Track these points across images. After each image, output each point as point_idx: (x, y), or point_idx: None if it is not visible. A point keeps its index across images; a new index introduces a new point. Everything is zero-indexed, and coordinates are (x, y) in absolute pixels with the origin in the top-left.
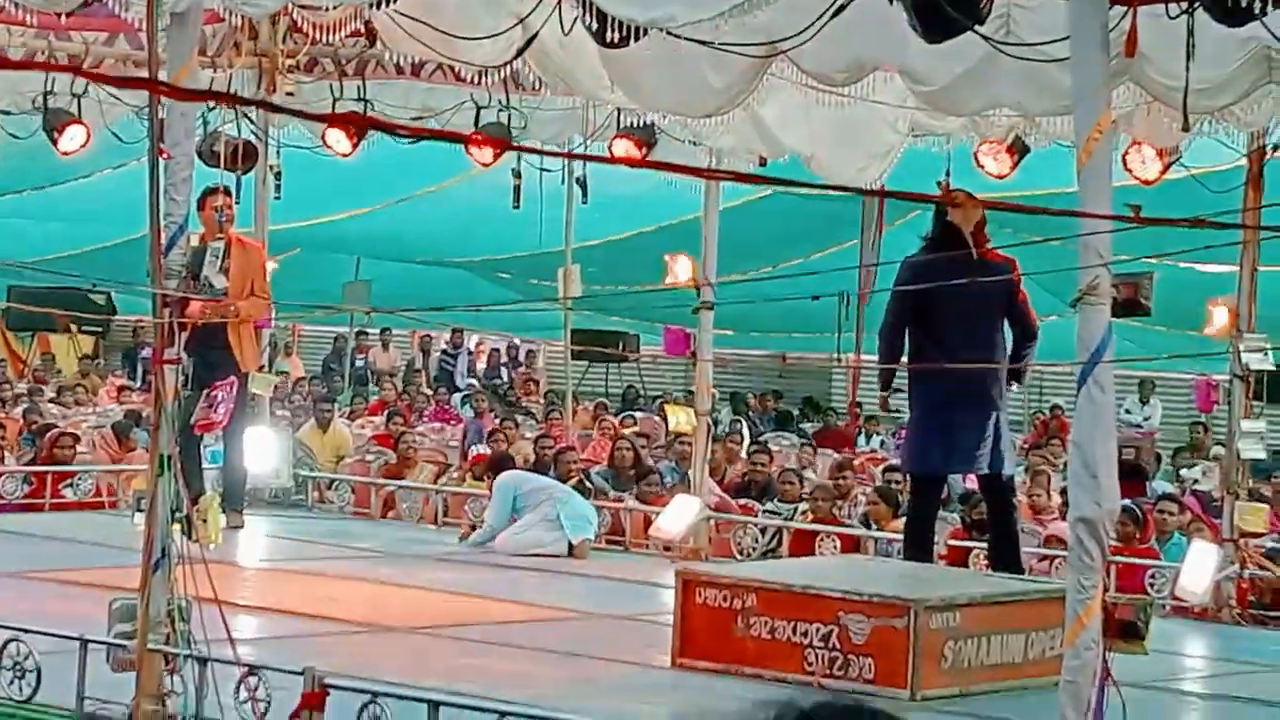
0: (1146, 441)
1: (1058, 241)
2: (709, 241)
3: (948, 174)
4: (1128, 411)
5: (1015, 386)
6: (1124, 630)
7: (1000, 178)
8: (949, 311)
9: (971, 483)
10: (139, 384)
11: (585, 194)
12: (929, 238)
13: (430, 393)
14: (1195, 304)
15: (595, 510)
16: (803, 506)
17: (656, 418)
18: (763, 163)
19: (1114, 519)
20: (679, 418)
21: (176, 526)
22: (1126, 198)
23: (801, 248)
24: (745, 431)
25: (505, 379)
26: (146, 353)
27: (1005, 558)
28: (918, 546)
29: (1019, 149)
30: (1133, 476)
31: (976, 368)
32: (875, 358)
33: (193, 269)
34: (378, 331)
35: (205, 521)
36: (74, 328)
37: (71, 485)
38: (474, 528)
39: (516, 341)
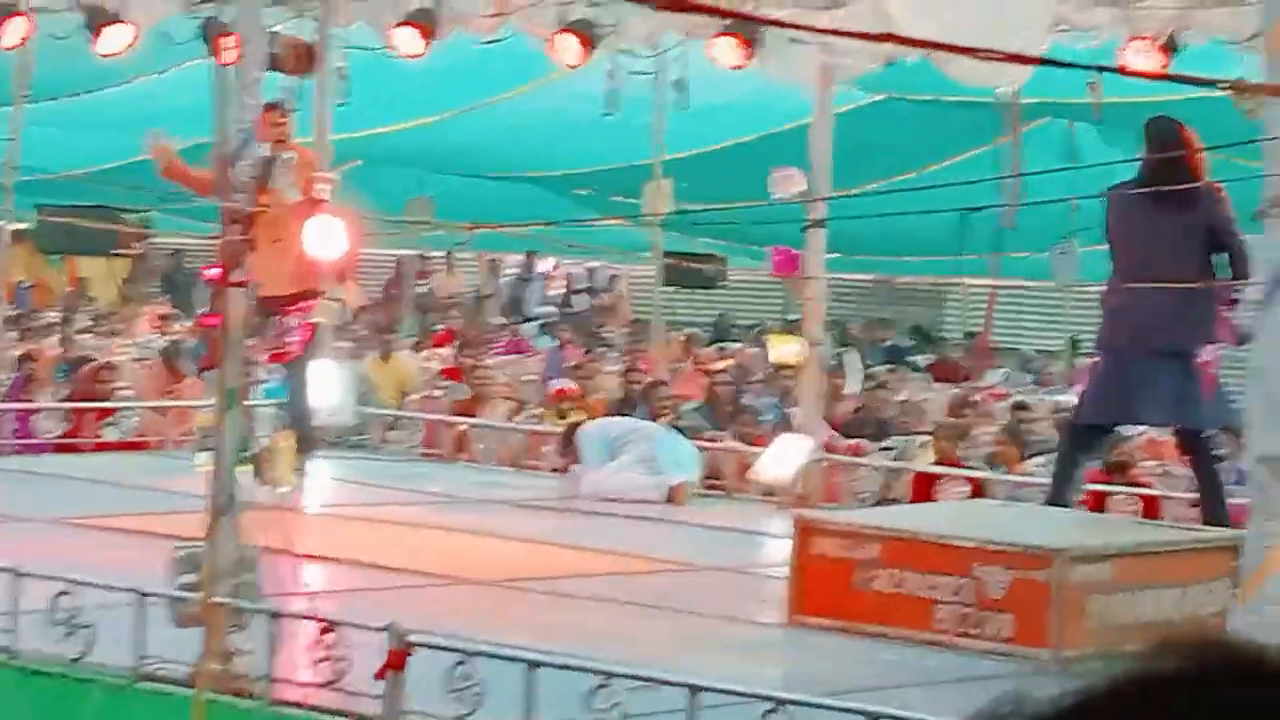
0: None
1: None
2: (819, 151)
3: (1100, 75)
4: None
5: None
6: None
7: (1150, 78)
8: (1152, 242)
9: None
10: (199, 310)
11: (686, 98)
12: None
13: (501, 322)
14: None
15: (696, 450)
16: (920, 440)
17: (752, 349)
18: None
19: None
20: (784, 349)
21: (245, 468)
22: None
23: (920, 159)
24: (856, 364)
25: (583, 306)
26: (214, 272)
27: (1208, 513)
28: (1058, 489)
29: (1171, 46)
30: None
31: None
32: (1007, 280)
33: (262, 180)
34: (442, 255)
35: (276, 463)
36: (122, 249)
37: (114, 423)
38: (565, 466)
39: (595, 266)
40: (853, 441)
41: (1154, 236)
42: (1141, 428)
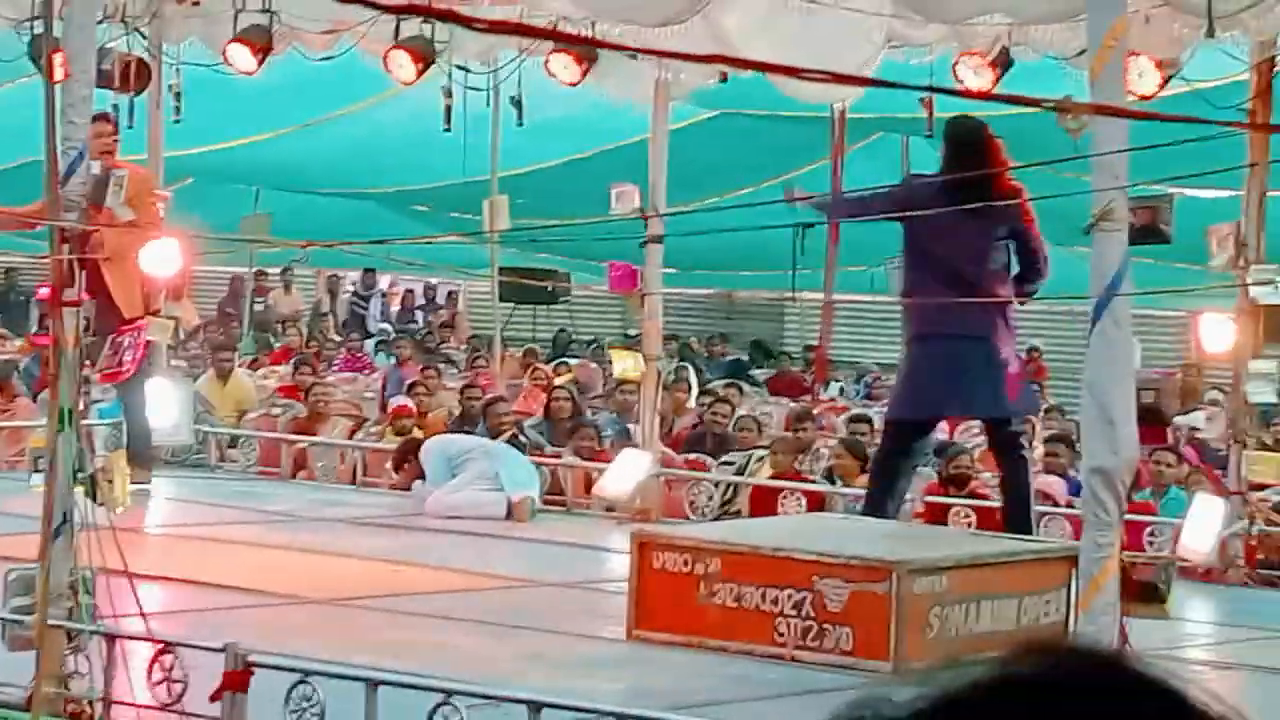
0: (1167, 382)
1: (1043, 167)
2: (656, 167)
3: (930, 90)
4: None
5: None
6: (1143, 592)
7: (977, 98)
8: (951, 240)
9: (944, 433)
10: (33, 329)
11: (520, 115)
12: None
13: (339, 339)
14: (1192, 233)
15: (536, 468)
16: (759, 454)
17: (593, 365)
18: (723, 79)
19: (1132, 469)
20: (625, 363)
21: (79, 489)
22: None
23: (756, 174)
24: (693, 379)
25: (422, 323)
26: (45, 292)
27: (1018, 517)
28: (876, 498)
29: (1003, 62)
30: (1152, 421)
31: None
32: (844, 296)
33: (94, 200)
34: (279, 271)
35: (111, 483)
36: None
37: None
38: (407, 482)
39: (434, 282)
40: (693, 456)
41: (954, 236)
42: (978, 440)
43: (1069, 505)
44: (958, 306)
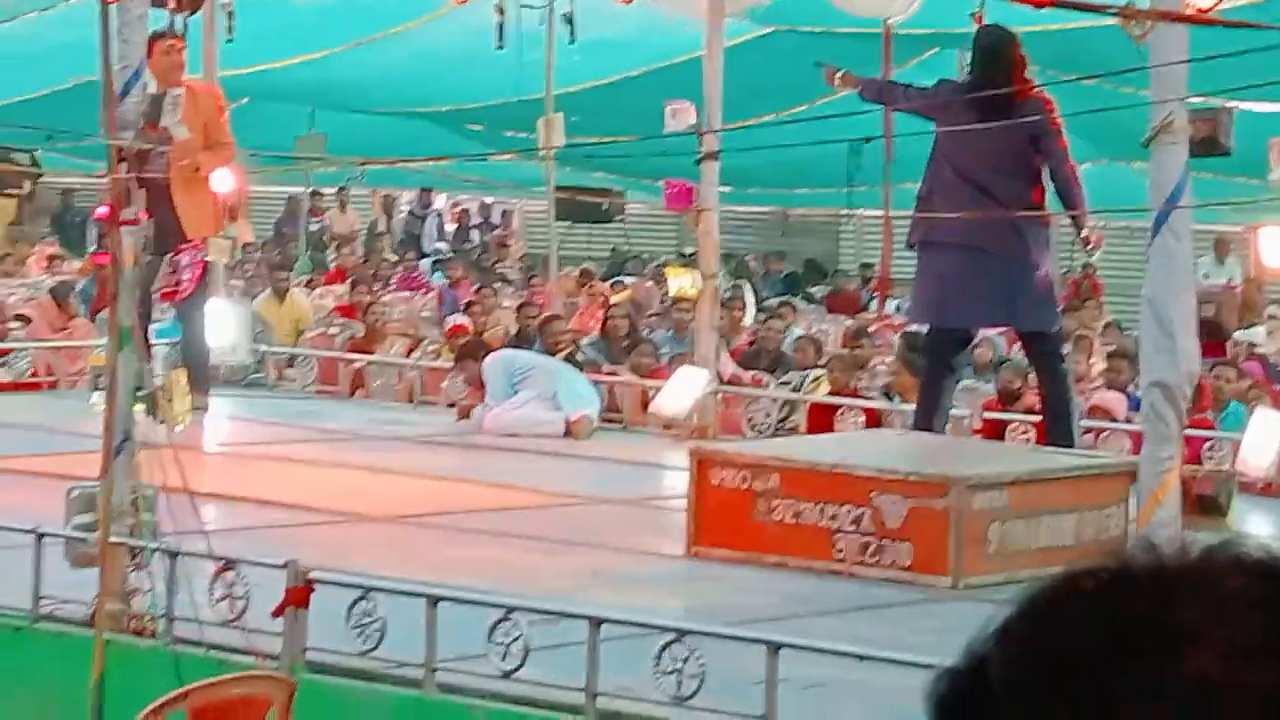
0: (1227, 296)
1: (1096, 80)
2: (712, 83)
3: (982, 3)
4: (1205, 276)
5: (1093, 251)
6: (1203, 505)
7: (1038, 5)
8: (974, 149)
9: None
10: (90, 250)
11: (573, 32)
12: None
13: (395, 258)
14: (1253, 146)
15: (596, 386)
16: (815, 374)
17: (649, 283)
18: None
19: (1193, 382)
20: (681, 281)
21: (139, 407)
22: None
23: (810, 91)
24: (749, 297)
25: (477, 242)
26: (102, 212)
27: (1056, 430)
28: (922, 414)
29: None
30: (1211, 336)
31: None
32: (902, 211)
33: (150, 118)
34: (334, 191)
35: (171, 401)
36: (11, 189)
37: (6, 364)
38: (469, 408)
39: (489, 201)
40: (750, 374)
41: (978, 142)
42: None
43: (1128, 421)
44: (975, 215)
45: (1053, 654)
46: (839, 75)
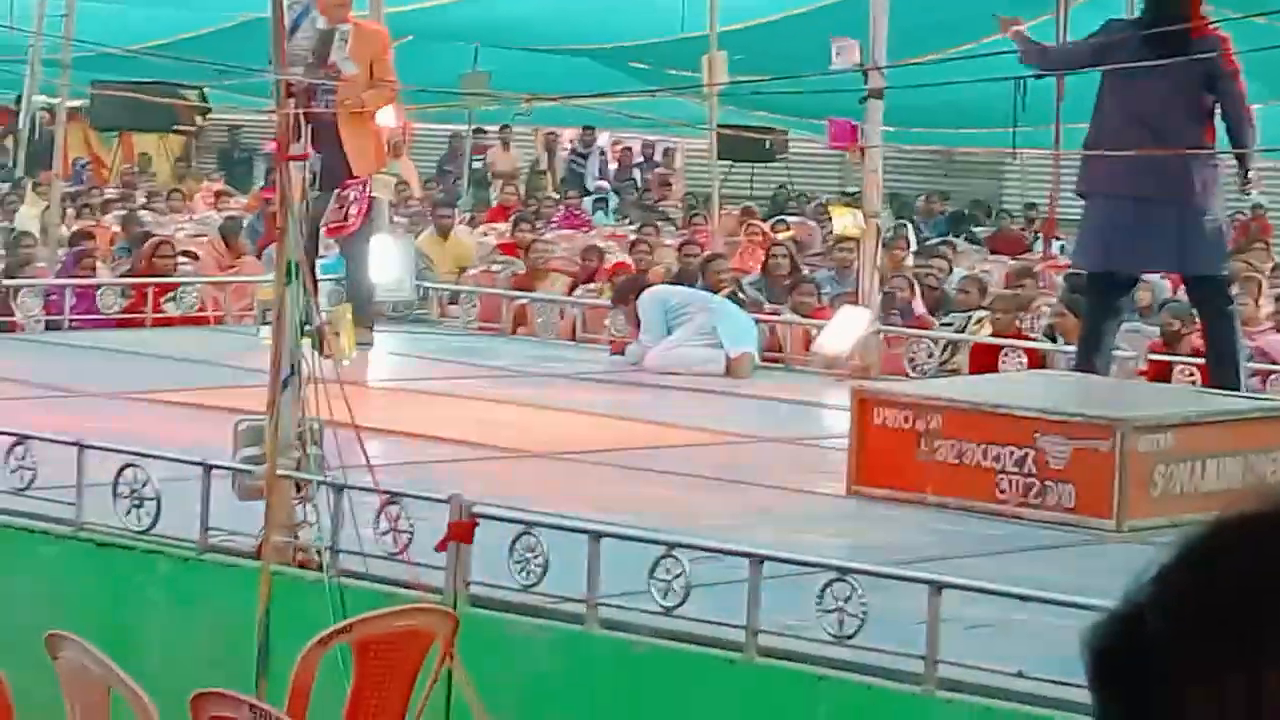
0: None
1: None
2: (878, 20)
3: None
4: None
5: (1251, 189)
6: None
7: None
8: (1145, 89)
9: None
10: (257, 186)
11: None
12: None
13: (558, 196)
14: None
15: (757, 325)
16: (978, 315)
17: (811, 222)
18: None
19: None
20: (845, 220)
21: (306, 341)
22: None
23: (977, 29)
24: (911, 237)
25: (639, 180)
26: (270, 147)
27: (1221, 373)
28: (1084, 356)
29: None
30: None
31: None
32: (1070, 152)
33: (320, 54)
34: (497, 129)
35: (338, 335)
36: (181, 125)
37: (174, 299)
38: (623, 344)
39: (651, 139)
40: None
41: (1150, 81)
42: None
43: None
44: (1152, 158)
45: (1211, 603)
46: (1013, 29)
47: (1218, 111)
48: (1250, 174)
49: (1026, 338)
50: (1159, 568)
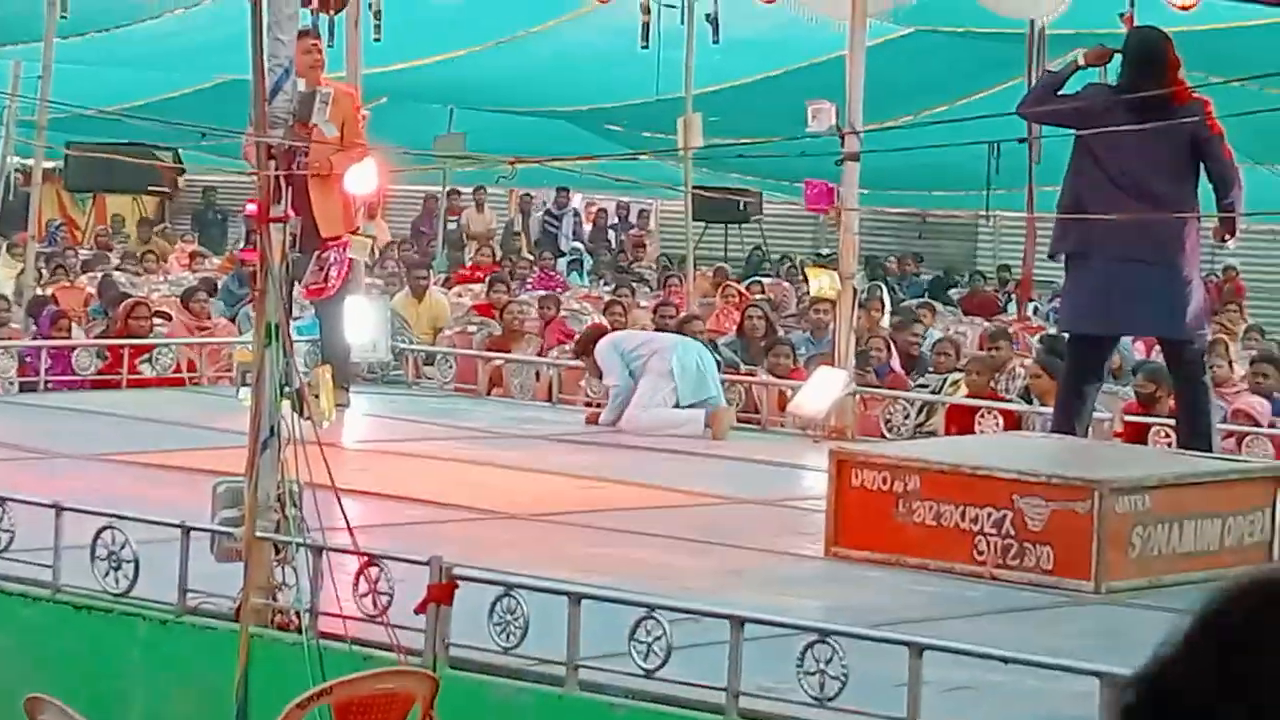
0: None
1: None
2: (854, 84)
3: (1132, 4)
4: None
5: (1229, 241)
6: None
7: (1185, 9)
8: (1132, 152)
9: (1141, 353)
10: (229, 248)
11: (716, 32)
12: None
13: (532, 258)
14: None
15: (714, 359)
16: (954, 377)
17: (786, 283)
18: None
19: None
20: (820, 281)
21: (286, 403)
22: None
23: (951, 92)
24: (886, 298)
25: (614, 242)
26: (250, 210)
27: (1195, 439)
28: (1062, 417)
29: None
30: None
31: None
32: (1044, 214)
33: (301, 117)
34: (471, 190)
35: (318, 397)
36: (157, 187)
37: (150, 360)
38: (596, 408)
39: (626, 201)
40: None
41: (1136, 145)
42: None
43: (1272, 426)
44: (1139, 221)
45: (1234, 671)
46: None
47: (1202, 174)
48: (1233, 231)
49: (1001, 399)
50: (1183, 632)
